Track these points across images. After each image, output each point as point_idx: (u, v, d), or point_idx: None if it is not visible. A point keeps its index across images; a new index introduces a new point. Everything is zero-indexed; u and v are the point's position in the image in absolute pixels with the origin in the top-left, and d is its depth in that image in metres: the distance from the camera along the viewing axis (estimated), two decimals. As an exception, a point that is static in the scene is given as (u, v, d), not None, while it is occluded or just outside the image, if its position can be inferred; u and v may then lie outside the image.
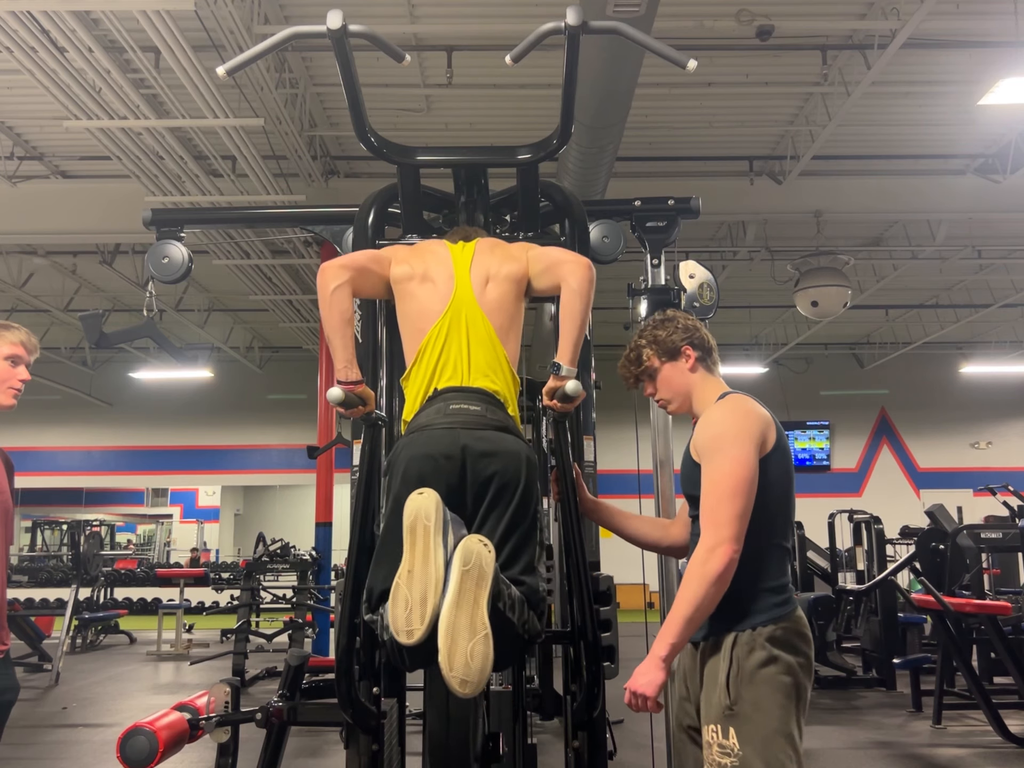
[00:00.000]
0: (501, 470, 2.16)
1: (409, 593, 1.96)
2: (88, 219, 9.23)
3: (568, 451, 2.47)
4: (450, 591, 1.95)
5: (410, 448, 2.21)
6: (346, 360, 2.29)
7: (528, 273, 2.47)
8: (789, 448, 2.30)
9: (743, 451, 2.14)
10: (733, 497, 2.11)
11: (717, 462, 2.16)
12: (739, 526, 2.10)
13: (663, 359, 2.40)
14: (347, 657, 2.28)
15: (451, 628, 1.93)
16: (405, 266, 2.47)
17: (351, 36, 2.37)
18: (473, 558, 1.96)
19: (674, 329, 2.41)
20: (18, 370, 2.73)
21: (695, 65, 2.40)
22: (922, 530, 7.59)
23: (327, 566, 9.58)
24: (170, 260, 3.41)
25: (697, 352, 2.39)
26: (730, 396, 2.31)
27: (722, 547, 2.08)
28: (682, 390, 2.41)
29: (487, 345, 2.35)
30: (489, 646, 1.94)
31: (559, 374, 2.28)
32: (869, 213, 9.47)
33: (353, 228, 2.98)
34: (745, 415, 2.22)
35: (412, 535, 1.99)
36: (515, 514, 2.15)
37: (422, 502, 2.02)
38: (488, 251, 2.51)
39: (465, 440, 2.17)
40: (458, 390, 2.28)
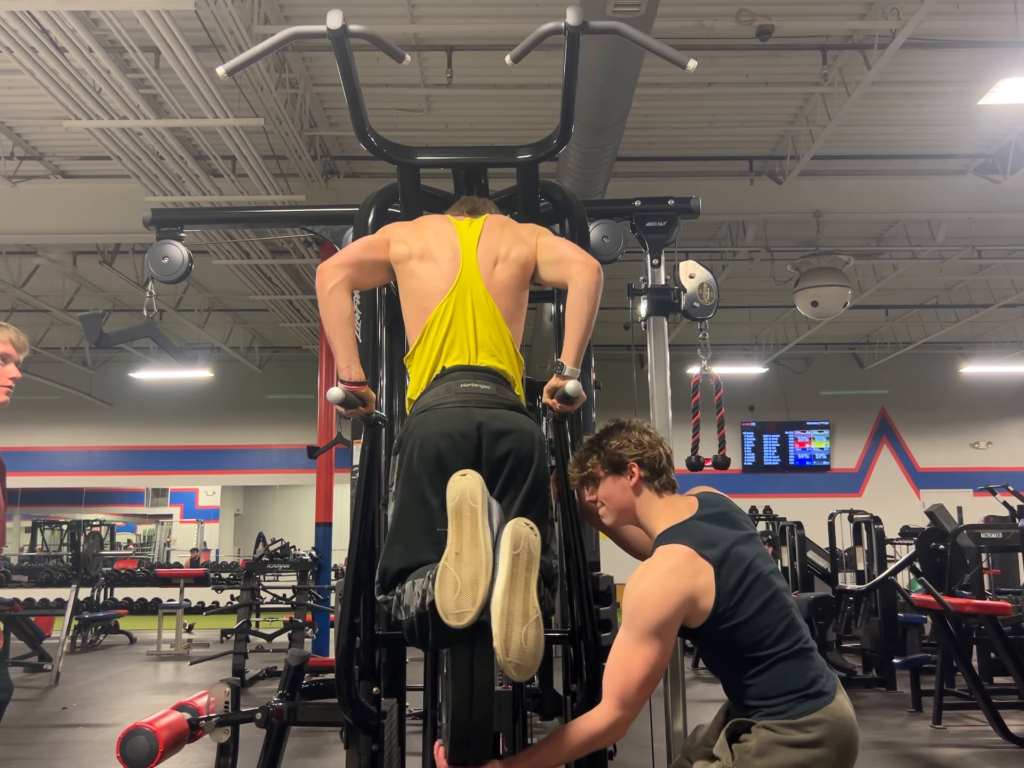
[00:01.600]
0: (516, 448, 2.16)
1: (458, 576, 1.94)
2: (88, 219, 9.23)
3: (568, 451, 2.47)
4: (502, 576, 1.94)
5: (424, 426, 2.19)
6: (348, 360, 2.28)
7: (536, 258, 2.44)
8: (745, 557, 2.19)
9: (659, 644, 2.11)
10: (644, 686, 2.11)
11: (635, 646, 2.11)
12: (640, 707, 2.13)
13: (606, 470, 2.34)
14: (347, 657, 2.28)
15: (506, 613, 1.92)
16: (403, 245, 2.44)
17: (351, 36, 2.37)
18: (523, 542, 1.96)
19: (626, 442, 2.33)
20: (8, 368, 2.76)
21: (695, 65, 2.40)
22: (922, 530, 7.59)
23: (327, 566, 9.58)
24: (170, 260, 3.41)
25: (644, 471, 2.31)
26: (659, 551, 2.21)
27: (621, 728, 2.13)
28: (621, 507, 2.35)
29: (493, 324, 2.34)
30: (541, 630, 1.95)
31: (562, 374, 2.27)
32: (869, 213, 9.47)
33: (353, 228, 2.98)
34: (663, 597, 2.12)
35: (458, 517, 1.98)
36: (529, 492, 2.16)
37: (467, 484, 2.00)
38: (498, 230, 2.47)
39: (480, 418, 2.16)
40: (466, 369, 2.27)
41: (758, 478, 15.93)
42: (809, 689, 2.12)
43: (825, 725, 2.08)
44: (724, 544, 2.19)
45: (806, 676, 2.14)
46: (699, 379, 3.56)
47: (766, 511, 10.75)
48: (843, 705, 2.15)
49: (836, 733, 2.09)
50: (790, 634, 2.17)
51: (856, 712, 2.22)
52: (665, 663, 2.14)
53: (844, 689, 2.23)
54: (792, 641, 2.16)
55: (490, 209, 2.64)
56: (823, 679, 2.16)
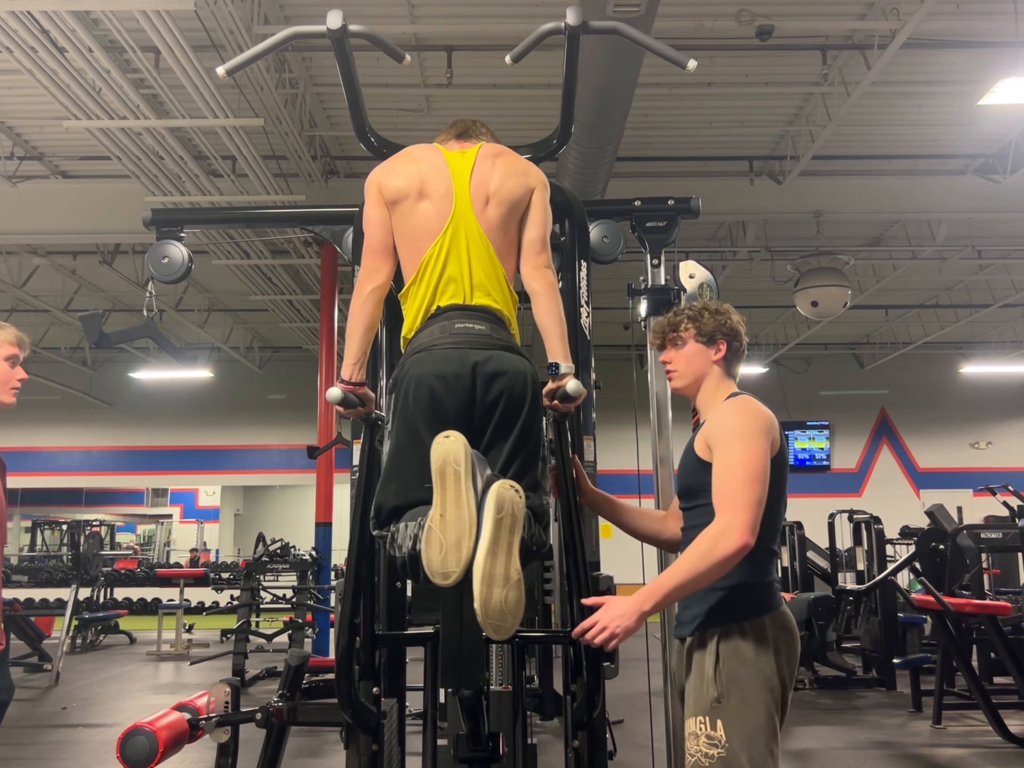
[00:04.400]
0: (509, 389, 2.18)
1: (443, 537, 1.98)
2: (88, 219, 9.24)
3: (568, 450, 2.47)
4: (484, 539, 1.97)
5: (418, 366, 2.20)
6: (356, 360, 2.29)
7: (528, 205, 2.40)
8: (788, 454, 2.34)
9: (759, 443, 2.18)
10: (752, 484, 2.13)
11: (735, 450, 2.18)
12: (755, 514, 2.10)
13: (698, 338, 2.43)
14: (347, 657, 2.28)
15: (487, 576, 1.95)
16: (398, 179, 2.37)
17: (351, 36, 2.37)
18: (506, 505, 1.99)
19: (724, 322, 2.43)
20: (16, 370, 2.79)
21: (695, 65, 2.40)
22: (922, 530, 7.59)
23: (327, 566, 9.58)
24: (170, 260, 3.41)
25: (728, 352, 2.42)
26: (743, 395, 2.35)
27: (737, 533, 2.07)
28: (697, 374, 2.43)
29: (487, 263, 2.33)
30: (521, 591, 1.99)
31: (558, 373, 2.28)
32: (869, 213, 9.47)
33: (353, 228, 2.98)
34: (760, 413, 2.26)
35: (442, 479, 2.00)
36: (522, 432, 2.19)
37: (450, 446, 2.02)
38: (489, 163, 2.40)
39: (475, 359, 2.18)
40: (461, 308, 2.28)
41: (758, 478, 15.90)
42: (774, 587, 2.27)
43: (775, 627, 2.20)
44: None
45: (771, 573, 2.29)
46: (699, 379, 3.55)
47: (766, 511, 10.72)
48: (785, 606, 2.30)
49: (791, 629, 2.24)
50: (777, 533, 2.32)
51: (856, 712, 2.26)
52: (766, 467, 2.16)
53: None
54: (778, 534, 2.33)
55: (483, 138, 2.55)
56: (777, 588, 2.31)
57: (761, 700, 2.13)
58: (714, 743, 2.11)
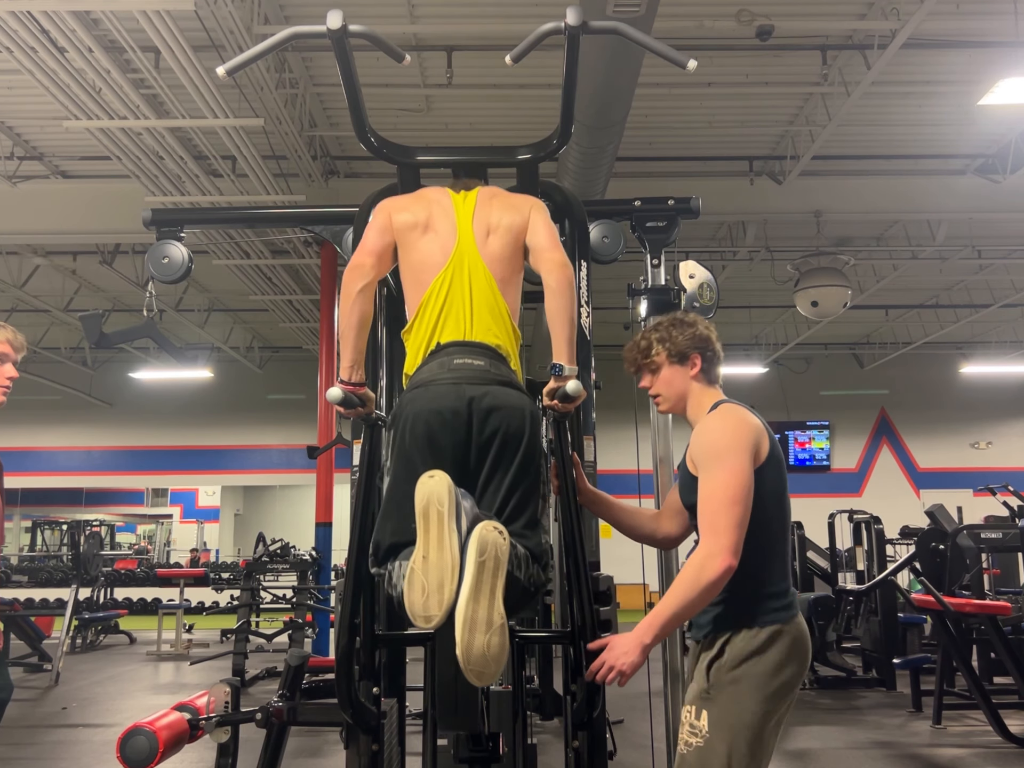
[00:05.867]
0: (505, 425, 2.17)
1: (426, 579, 1.96)
2: (88, 219, 9.24)
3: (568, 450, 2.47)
4: (467, 583, 1.95)
5: (415, 403, 2.20)
6: (353, 361, 2.28)
7: (527, 229, 2.44)
8: (782, 455, 2.33)
9: (739, 461, 2.17)
10: (732, 505, 2.13)
11: (714, 472, 2.18)
12: (738, 535, 2.12)
13: (671, 360, 2.43)
14: (347, 657, 2.28)
15: (469, 621, 1.93)
16: (407, 214, 2.43)
17: (351, 36, 2.37)
18: (489, 547, 1.96)
19: (691, 335, 2.43)
20: (5, 368, 2.75)
21: (695, 65, 2.40)
22: (922, 530, 7.58)
23: (327, 566, 9.58)
24: (170, 260, 3.41)
25: (704, 363, 2.42)
26: (724, 405, 2.34)
27: (721, 556, 2.10)
28: (679, 393, 2.44)
29: (489, 297, 2.34)
30: (505, 636, 1.96)
31: (561, 375, 2.27)
32: (869, 213, 9.47)
33: (353, 228, 2.98)
34: (738, 425, 2.25)
35: (426, 520, 1.99)
36: (519, 469, 2.17)
37: (434, 486, 2.00)
38: (488, 201, 2.48)
39: (471, 394, 2.17)
40: (461, 344, 2.28)
41: (758, 478, 15.90)
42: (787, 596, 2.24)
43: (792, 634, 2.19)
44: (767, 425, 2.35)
45: (787, 579, 2.28)
46: (699, 379, 3.55)
47: (766, 511, 10.72)
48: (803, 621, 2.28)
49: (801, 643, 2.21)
50: (788, 544, 2.32)
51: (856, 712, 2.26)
52: (748, 487, 2.15)
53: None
54: (787, 548, 2.32)
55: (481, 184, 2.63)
56: (792, 592, 2.29)
57: (755, 701, 2.13)
58: (695, 732, 2.14)
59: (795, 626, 2.22)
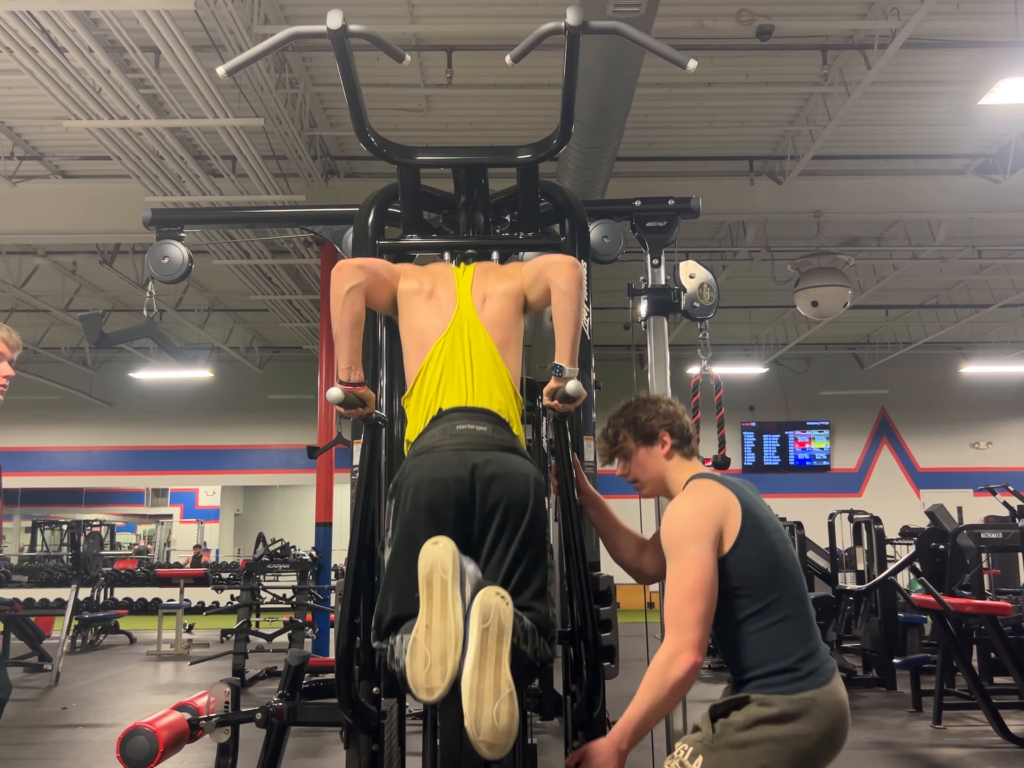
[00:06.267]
0: (509, 493, 2.13)
1: (428, 650, 1.91)
2: (88, 219, 9.24)
3: (568, 450, 2.47)
4: (471, 652, 1.90)
5: (418, 471, 2.17)
6: (350, 361, 2.27)
7: (523, 288, 2.48)
8: (764, 513, 2.24)
9: (698, 551, 2.11)
10: (693, 600, 2.08)
11: (676, 564, 2.13)
12: (702, 630, 2.08)
13: (639, 442, 2.39)
14: (347, 657, 2.28)
15: (476, 691, 1.88)
16: (414, 281, 2.48)
17: (351, 36, 2.37)
18: (492, 614, 1.91)
19: (654, 414, 2.39)
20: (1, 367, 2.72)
21: (695, 65, 2.40)
22: (922, 530, 7.59)
23: (327, 566, 9.58)
24: (170, 260, 3.41)
25: (674, 440, 2.38)
26: (692, 483, 2.29)
27: (685, 654, 2.05)
28: (655, 475, 2.40)
29: (489, 362, 2.34)
30: (515, 704, 1.90)
31: (561, 375, 2.27)
32: (869, 213, 9.47)
33: (353, 228, 2.98)
34: (697, 510, 2.18)
35: (429, 588, 1.95)
36: (524, 539, 2.12)
37: (438, 553, 1.96)
38: (483, 273, 2.54)
39: (474, 461, 2.14)
40: (463, 410, 2.25)
41: (758, 478, 15.85)
42: (806, 663, 2.12)
43: (816, 707, 2.07)
44: (748, 493, 2.28)
45: (806, 647, 2.15)
46: (699, 379, 3.56)
47: (766, 511, 10.73)
48: (838, 689, 2.14)
49: (825, 715, 2.08)
50: (800, 598, 2.19)
51: (856, 712, 2.23)
52: (710, 578, 2.09)
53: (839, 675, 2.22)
54: (799, 604, 2.19)
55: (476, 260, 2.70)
56: (822, 658, 2.16)
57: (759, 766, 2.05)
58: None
59: (824, 694, 2.10)
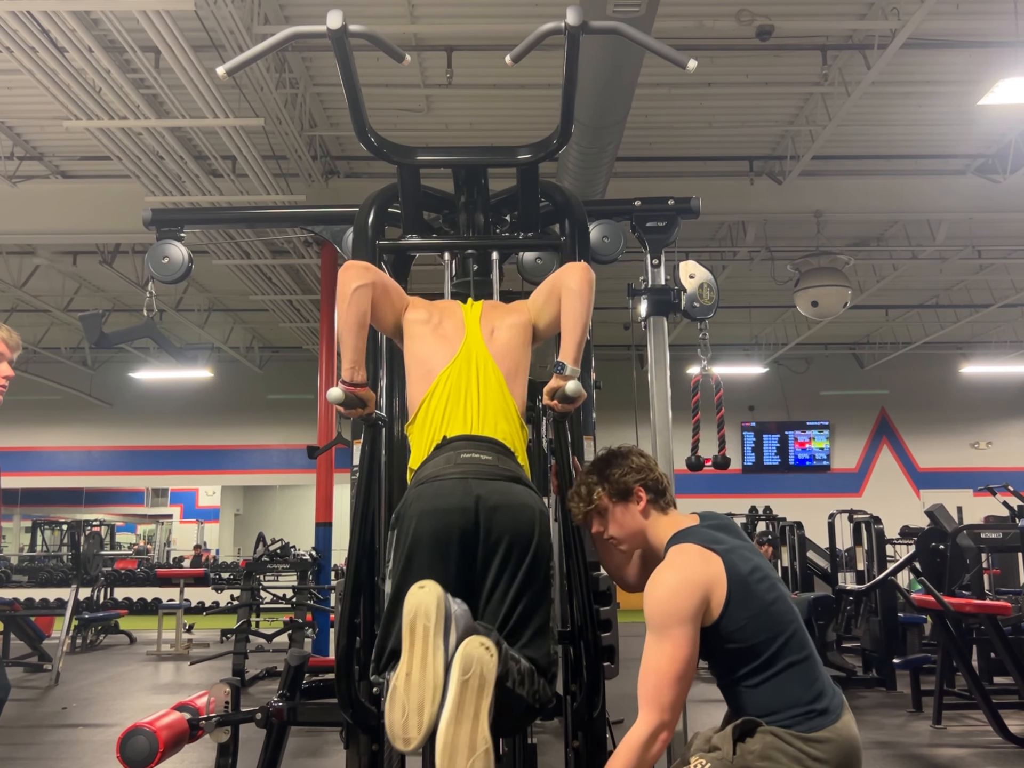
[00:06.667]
0: (513, 523, 2.11)
1: (407, 699, 1.88)
2: (88, 219, 9.24)
3: (568, 451, 2.47)
4: (448, 704, 1.87)
5: (420, 502, 2.14)
6: (354, 361, 2.27)
7: (532, 320, 2.49)
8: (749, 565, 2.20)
9: (683, 633, 2.10)
10: (678, 682, 2.08)
11: (661, 643, 2.10)
12: (679, 709, 2.10)
13: (615, 499, 2.33)
14: (347, 657, 2.28)
15: (450, 746, 1.85)
16: (423, 312, 2.48)
17: (351, 36, 2.37)
18: (473, 665, 1.88)
19: (628, 469, 2.34)
20: (1, 367, 2.70)
21: (695, 65, 2.40)
22: (922, 530, 7.58)
23: (327, 566, 9.58)
24: (170, 260, 3.41)
25: (649, 495, 2.33)
26: (672, 551, 2.23)
27: (664, 733, 2.07)
28: (635, 532, 2.35)
29: (496, 392, 2.33)
30: (490, 762, 1.88)
31: (563, 373, 2.27)
32: (869, 213, 9.47)
33: (353, 228, 2.98)
34: (681, 588, 2.13)
35: (411, 634, 1.91)
36: (527, 574, 2.11)
37: (423, 598, 1.92)
38: (491, 308, 2.55)
39: (478, 491, 2.12)
40: (469, 439, 2.23)
41: (758, 478, 15.93)
42: (815, 704, 2.12)
43: (832, 745, 2.08)
44: (729, 543, 2.23)
45: (812, 689, 2.14)
46: (699, 379, 3.56)
47: (766, 511, 10.74)
48: (849, 725, 2.14)
49: (841, 753, 2.08)
50: (797, 641, 2.17)
51: (856, 712, 2.22)
52: (693, 657, 2.10)
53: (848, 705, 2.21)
54: (798, 648, 2.16)
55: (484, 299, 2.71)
56: (829, 694, 2.16)
57: None
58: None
59: (836, 731, 2.10)
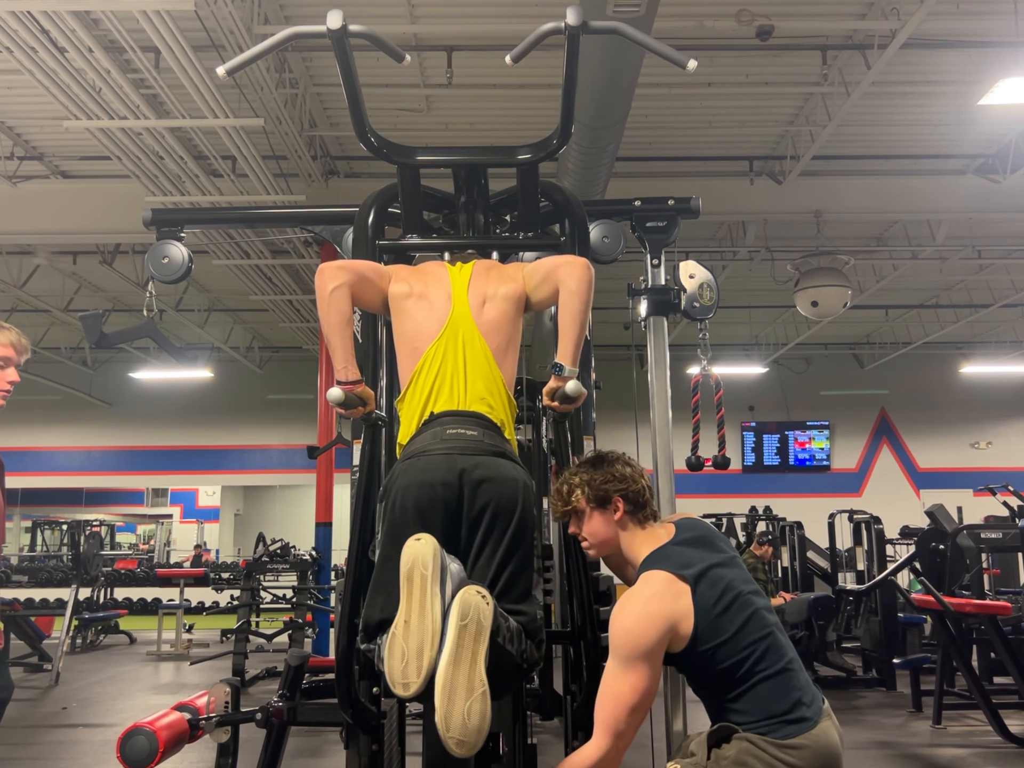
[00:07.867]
0: (497, 497, 2.14)
1: (405, 645, 1.92)
2: (88, 219, 9.23)
3: (568, 451, 2.47)
4: (447, 647, 1.91)
5: (407, 475, 2.18)
6: (345, 360, 2.28)
7: (525, 290, 2.46)
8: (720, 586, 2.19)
9: (647, 667, 2.10)
10: (636, 712, 2.09)
11: (624, 674, 2.11)
12: (632, 737, 2.11)
13: (592, 504, 2.33)
14: (347, 657, 2.28)
15: (448, 687, 1.89)
16: (404, 284, 2.46)
17: (351, 36, 2.37)
18: (471, 612, 1.92)
19: (610, 476, 2.33)
20: (7, 372, 2.69)
21: (695, 65, 2.40)
22: (922, 530, 7.59)
23: (327, 566, 9.58)
24: (170, 260, 3.41)
25: (627, 505, 2.32)
26: (643, 578, 2.22)
27: (617, 756, 2.09)
28: (606, 540, 2.34)
29: (484, 367, 2.33)
30: (487, 704, 1.92)
31: (561, 375, 2.27)
32: (869, 213, 9.46)
33: (353, 228, 2.98)
34: (649, 622, 2.12)
35: (409, 583, 1.95)
36: (512, 541, 2.14)
37: (420, 549, 1.97)
38: (484, 273, 2.50)
39: (463, 465, 2.15)
40: (455, 414, 2.26)
41: (758, 478, 15.93)
42: (791, 714, 2.12)
43: (807, 751, 2.09)
44: (701, 565, 2.21)
45: (789, 698, 2.15)
46: (699, 379, 3.56)
47: (766, 511, 10.75)
48: (827, 732, 2.15)
49: (817, 760, 2.09)
50: (772, 654, 2.17)
51: (856, 712, 2.23)
52: (654, 689, 2.12)
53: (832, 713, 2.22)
54: (773, 661, 2.17)
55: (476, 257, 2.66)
56: (807, 703, 2.17)
57: None
58: None
59: (813, 737, 2.11)
